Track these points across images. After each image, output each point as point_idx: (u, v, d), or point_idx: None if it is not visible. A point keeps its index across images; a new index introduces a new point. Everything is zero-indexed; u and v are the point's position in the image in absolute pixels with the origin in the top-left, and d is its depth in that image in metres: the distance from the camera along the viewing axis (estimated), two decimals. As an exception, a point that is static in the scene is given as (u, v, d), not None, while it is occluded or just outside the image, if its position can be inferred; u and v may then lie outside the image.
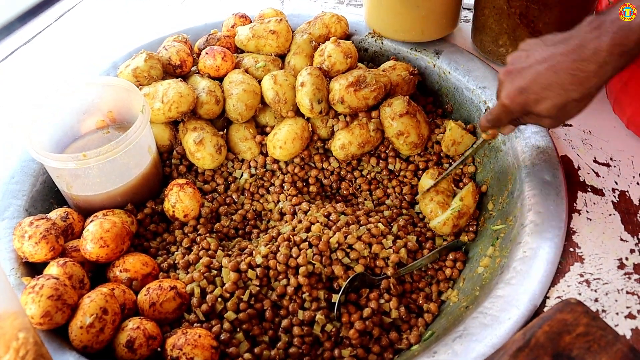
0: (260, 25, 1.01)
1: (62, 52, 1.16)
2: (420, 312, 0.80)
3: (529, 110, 0.71)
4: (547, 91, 0.67)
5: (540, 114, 0.70)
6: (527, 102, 0.70)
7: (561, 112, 0.69)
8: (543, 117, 0.71)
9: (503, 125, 0.78)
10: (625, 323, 0.65)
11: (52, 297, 0.66)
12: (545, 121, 0.72)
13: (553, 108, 0.68)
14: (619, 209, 0.77)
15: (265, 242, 0.84)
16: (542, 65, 0.68)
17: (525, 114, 0.72)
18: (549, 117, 0.70)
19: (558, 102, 0.67)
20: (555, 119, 0.70)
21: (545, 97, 0.68)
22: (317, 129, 0.98)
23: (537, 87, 0.68)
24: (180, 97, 0.91)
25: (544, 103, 0.68)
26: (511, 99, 0.71)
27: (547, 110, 0.69)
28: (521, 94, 0.70)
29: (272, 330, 0.76)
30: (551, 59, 0.67)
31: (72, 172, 0.81)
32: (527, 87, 0.69)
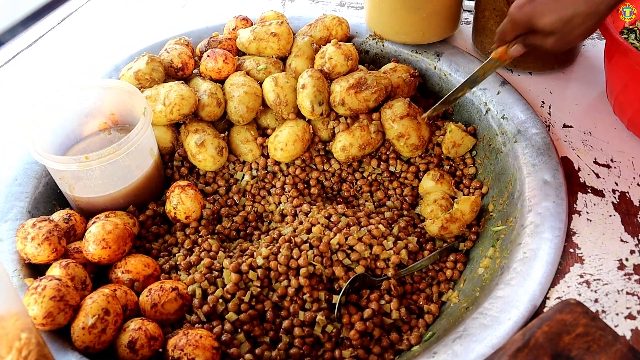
0: (262, 28, 1.02)
1: (65, 55, 1.17)
2: (421, 313, 0.81)
3: (534, 22, 0.70)
4: (555, 2, 0.67)
5: (545, 28, 0.69)
6: (533, 13, 0.69)
7: (566, 28, 0.68)
8: (547, 34, 0.70)
9: (509, 39, 0.77)
10: (625, 324, 0.65)
11: (54, 298, 0.67)
12: (549, 40, 0.71)
13: (559, 21, 0.67)
14: (619, 210, 0.77)
15: (267, 244, 0.84)
16: None
17: (530, 28, 0.71)
18: (553, 32, 0.69)
19: (564, 15, 0.67)
20: (559, 36, 0.69)
21: (552, 9, 0.67)
22: (318, 131, 0.98)
23: None
24: (181, 99, 0.91)
25: (550, 15, 0.68)
26: (519, 8, 0.71)
27: (552, 23, 0.68)
28: (530, 4, 0.70)
29: (273, 331, 0.77)
30: None
31: (75, 174, 0.81)
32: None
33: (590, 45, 1.05)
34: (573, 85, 0.97)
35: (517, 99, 0.93)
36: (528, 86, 0.97)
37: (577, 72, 1.00)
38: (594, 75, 0.98)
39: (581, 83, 0.97)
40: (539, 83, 0.97)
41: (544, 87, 0.96)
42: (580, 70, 1.00)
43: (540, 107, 0.93)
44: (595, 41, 1.06)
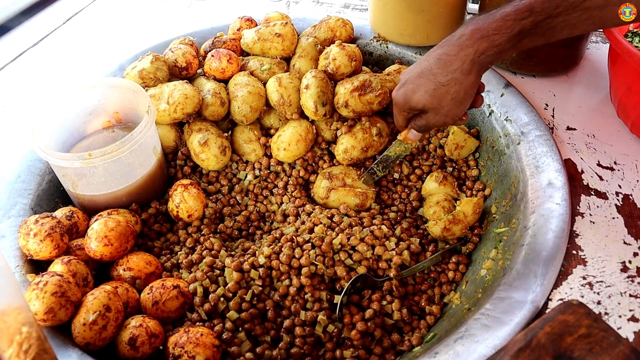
0: (266, 29, 1.02)
1: (70, 54, 1.18)
2: (423, 314, 0.80)
3: (409, 103, 0.76)
4: (420, 78, 0.74)
5: (418, 106, 0.76)
6: (406, 93, 0.76)
7: (435, 100, 0.74)
8: (424, 112, 0.76)
9: (402, 124, 0.83)
10: (628, 326, 0.65)
11: (55, 293, 0.67)
12: (428, 117, 0.77)
13: (425, 94, 0.74)
14: (622, 213, 0.77)
15: (269, 243, 0.84)
16: (418, 64, 0.76)
17: (410, 109, 0.78)
18: (426, 107, 0.75)
19: (428, 88, 0.73)
20: (434, 110, 0.75)
21: (418, 85, 0.74)
22: (322, 132, 0.98)
23: (413, 77, 0.75)
24: (185, 98, 0.91)
25: (417, 91, 0.74)
26: (395, 91, 0.78)
27: (421, 98, 0.74)
28: (402, 86, 0.77)
29: (274, 330, 0.76)
30: (428, 54, 0.75)
31: (78, 171, 0.82)
32: (407, 78, 0.77)
33: (594, 48, 1.05)
34: (577, 88, 0.97)
35: (521, 101, 0.93)
36: (532, 89, 0.97)
37: (581, 75, 1.00)
38: (597, 79, 0.98)
39: (585, 86, 0.97)
40: (542, 86, 0.97)
41: (547, 90, 0.96)
42: (584, 73, 1.00)
43: (544, 110, 0.93)
44: (599, 44, 1.06)
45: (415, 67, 0.77)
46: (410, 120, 0.81)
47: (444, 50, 0.72)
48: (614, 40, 0.80)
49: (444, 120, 0.76)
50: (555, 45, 0.93)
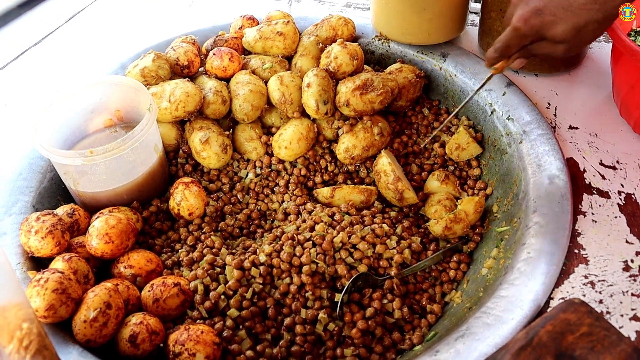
0: (268, 27, 1.02)
1: (72, 53, 1.18)
2: (424, 313, 0.80)
3: (543, 34, 0.67)
4: (567, 11, 0.64)
5: (555, 38, 0.66)
6: (542, 25, 0.66)
7: (579, 36, 0.65)
8: (558, 43, 0.67)
9: (512, 53, 0.73)
10: (630, 325, 0.65)
11: (56, 290, 0.67)
12: (559, 48, 0.68)
13: (571, 30, 0.64)
14: (624, 212, 0.77)
15: (269, 241, 0.84)
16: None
17: (538, 39, 0.68)
18: (565, 41, 0.66)
19: (577, 23, 0.64)
20: (571, 43, 0.66)
21: (563, 18, 0.64)
22: (323, 130, 0.98)
23: (554, 7, 0.64)
24: (187, 96, 0.91)
25: (562, 25, 0.64)
26: (525, 20, 0.67)
27: (564, 33, 0.65)
28: (537, 16, 0.66)
29: (274, 329, 0.76)
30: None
31: (79, 168, 0.82)
32: (544, 7, 0.65)
33: (597, 47, 1.05)
34: (579, 87, 0.97)
35: (523, 100, 0.92)
36: (534, 88, 0.96)
37: (583, 74, 0.99)
38: (600, 78, 0.98)
39: (587, 85, 0.97)
40: (545, 85, 0.97)
41: (550, 89, 0.96)
42: (587, 72, 0.99)
43: (546, 109, 0.92)
44: (602, 44, 1.06)
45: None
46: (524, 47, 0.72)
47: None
48: (617, 39, 0.79)
49: (573, 52, 0.68)
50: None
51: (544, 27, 0.66)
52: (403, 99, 1.00)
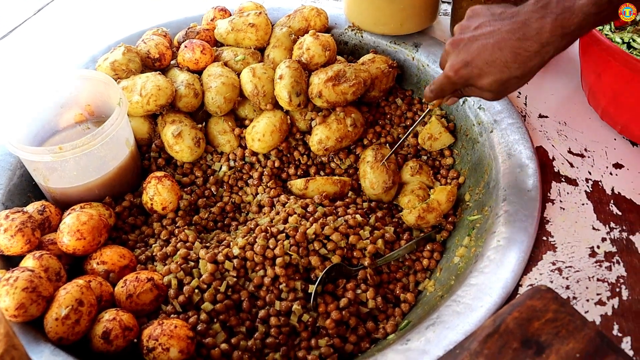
0: (240, 19, 1.01)
1: (41, 46, 1.16)
2: (397, 302, 0.81)
3: (471, 83, 0.72)
4: (490, 67, 0.69)
5: (482, 88, 0.72)
6: (470, 76, 0.71)
7: (502, 87, 0.70)
8: (484, 91, 0.72)
9: (446, 95, 0.79)
10: (595, 309, 0.66)
11: (26, 289, 0.66)
12: (486, 94, 0.73)
13: (494, 83, 0.70)
14: (591, 199, 0.78)
15: (243, 234, 0.84)
16: (487, 39, 0.69)
17: (467, 86, 0.74)
18: (490, 91, 0.71)
19: (499, 78, 0.69)
20: (496, 93, 0.72)
21: (487, 72, 0.69)
22: (296, 122, 0.98)
23: (480, 62, 0.69)
24: (158, 90, 0.90)
25: (486, 78, 0.70)
26: (455, 71, 0.72)
27: (489, 84, 0.70)
28: (465, 67, 0.71)
29: (249, 321, 0.77)
30: (496, 34, 0.68)
31: (49, 165, 0.81)
32: (471, 60, 0.70)
33: (567, 36, 1.06)
34: (549, 76, 0.97)
35: (494, 89, 0.93)
36: (505, 77, 0.97)
37: (553, 62, 1.00)
38: (569, 67, 0.99)
39: (557, 74, 0.98)
40: (515, 74, 0.97)
41: (520, 78, 0.97)
42: (557, 61, 1.00)
43: (517, 98, 0.93)
44: (572, 32, 1.07)
45: (481, 50, 0.69)
46: (456, 91, 0.78)
47: (522, 45, 0.66)
48: (584, 28, 0.80)
49: (500, 98, 0.74)
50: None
51: (472, 78, 0.71)
52: (376, 90, 1.00)
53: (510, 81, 0.69)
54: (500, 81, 0.69)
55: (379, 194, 0.92)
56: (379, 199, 0.93)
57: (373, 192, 0.92)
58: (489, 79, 0.70)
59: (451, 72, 0.73)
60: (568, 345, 0.57)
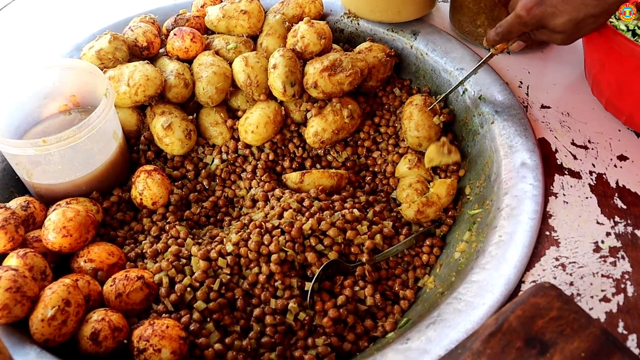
0: (231, 5, 0.98)
1: (22, 34, 1.12)
2: (396, 299, 0.79)
3: (543, 23, 0.70)
4: (566, 5, 0.67)
5: (555, 28, 0.69)
6: (543, 15, 0.69)
7: (576, 28, 0.68)
8: (557, 32, 0.70)
9: (513, 38, 0.76)
10: (600, 306, 0.65)
11: (10, 289, 0.63)
12: (557, 36, 0.71)
13: (570, 22, 0.67)
14: (595, 192, 0.76)
15: (237, 230, 0.81)
16: None
17: (539, 27, 0.71)
18: (563, 32, 0.69)
19: (575, 17, 0.67)
20: (568, 34, 0.70)
21: (563, 11, 0.67)
22: (291, 113, 0.95)
23: (556, 0, 0.67)
24: (147, 80, 0.87)
25: (561, 17, 0.68)
26: (528, 10, 0.70)
27: (563, 24, 0.68)
28: (539, 6, 0.69)
29: (243, 320, 0.74)
30: None
31: (32, 158, 0.77)
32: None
33: (568, 24, 1.03)
34: (551, 65, 0.95)
35: (495, 79, 0.90)
36: (506, 66, 0.95)
37: (555, 52, 0.98)
38: (572, 55, 0.96)
39: (560, 63, 0.96)
40: (517, 63, 0.95)
41: (522, 67, 0.94)
42: (559, 50, 0.98)
43: (519, 88, 0.91)
44: (574, 20, 1.04)
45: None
46: (525, 33, 0.75)
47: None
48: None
49: (572, 41, 0.72)
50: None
51: (545, 17, 0.69)
52: (373, 79, 0.97)
53: (585, 20, 0.67)
54: (575, 20, 0.67)
55: (422, 139, 0.90)
56: (419, 145, 0.91)
57: (417, 134, 0.90)
58: (564, 17, 0.67)
59: (523, 11, 0.70)
60: (573, 344, 0.56)
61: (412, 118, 0.91)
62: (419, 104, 0.92)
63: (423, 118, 0.90)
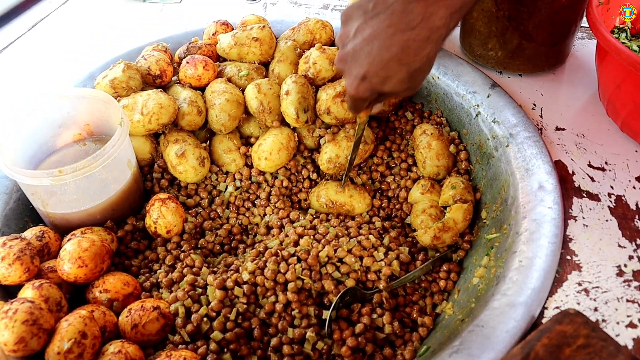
0: (243, 33, 0.98)
1: (36, 63, 1.13)
2: (415, 326, 0.78)
3: (380, 92, 0.69)
4: (387, 70, 0.65)
5: (391, 92, 0.68)
6: (372, 87, 0.68)
7: (410, 82, 0.67)
8: (395, 93, 0.69)
9: (363, 109, 0.76)
10: (627, 332, 0.63)
11: (26, 322, 0.63)
12: (400, 94, 0.71)
13: (399, 83, 0.66)
14: (615, 215, 0.75)
15: (252, 258, 0.80)
16: (371, 44, 0.64)
17: (378, 95, 0.71)
18: (400, 91, 0.68)
19: (401, 77, 0.65)
20: (407, 89, 0.68)
21: (387, 77, 0.66)
22: (304, 139, 0.95)
23: (375, 70, 0.66)
24: (160, 108, 0.87)
25: (389, 82, 0.66)
26: (355, 88, 0.69)
27: (396, 86, 0.67)
28: (364, 81, 0.68)
29: (260, 350, 0.73)
30: (378, 34, 0.63)
31: (48, 189, 0.77)
32: (365, 73, 0.67)
33: (580, 44, 1.04)
34: (564, 86, 0.95)
35: (508, 101, 0.90)
36: (519, 88, 0.95)
37: (567, 72, 0.98)
38: (585, 76, 0.96)
39: (572, 84, 0.95)
40: (529, 85, 0.95)
41: (534, 89, 0.94)
42: (571, 70, 0.98)
43: (532, 110, 0.91)
44: (585, 40, 1.05)
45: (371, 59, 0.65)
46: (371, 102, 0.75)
47: (409, 36, 0.62)
48: (601, 37, 0.78)
49: (414, 91, 0.71)
50: (541, 42, 0.91)
51: (375, 88, 0.68)
52: (386, 104, 0.97)
53: (414, 75, 0.66)
54: (403, 79, 0.66)
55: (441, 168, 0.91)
56: (437, 174, 0.92)
57: (437, 164, 0.91)
58: (392, 81, 0.66)
59: (353, 91, 0.70)
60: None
61: (431, 147, 0.91)
62: (435, 132, 0.92)
63: (442, 147, 0.91)
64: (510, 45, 0.93)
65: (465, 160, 0.93)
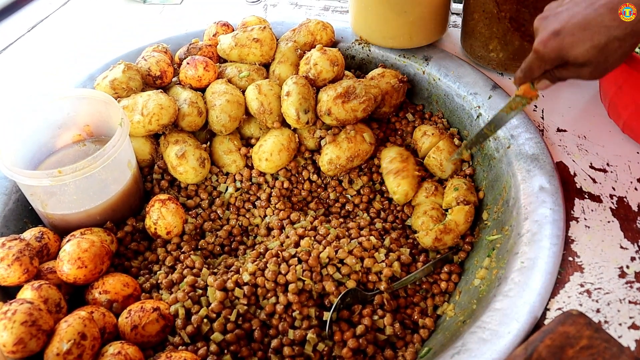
0: (244, 34, 0.98)
1: (36, 64, 1.13)
2: (416, 327, 0.77)
3: (564, 56, 0.65)
4: (585, 31, 0.62)
5: (578, 60, 0.64)
6: (562, 46, 0.64)
7: (602, 55, 0.63)
8: (581, 65, 0.65)
9: (536, 76, 0.72)
10: (629, 334, 0.63)
11: (25, 322, 0.62)
12: (584, 70, 0.66)
13: (592, 49, 0.62)
14: (617, 216, 0.75)
15: (253, 259, 0.80)
16: (578, 5, 0.62)
17: (561, 62, 0.67)
18: (588, 62, 0.64)
19: (598, 42, 0.62)
20: (595, 65, 0.64)
21: (582, 39, 0.62)
22: (305, 140, 0.95)
23: (573, 28, 0.63)
24: (160, 109, 0.87)
25: (582, 45, 0.63)
26: (544, 43, 0.66)
27: (586, 53, 0.63)
28: (555, 37, 0.64)
29: (261, 351, 0.73)
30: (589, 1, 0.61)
31: (47, 189, 0.77)
32: (562, 28, 0.63)
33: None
34: (565, 87, 0.95)
35: (509, 103, 0.90)
36: (519, 90, 0.94)
37: (567, 74, 0.98)
38: (585, 78, 0.96)
39: (574, 85, 0.95)
40: (530, 86, 0.95)
41: (535, 91, 0.94)
42: (571, 72, 0.98)
43: (533, 111, 0.91)
44: (585, 43, 1.05)
45: (572, 15, 0.63)
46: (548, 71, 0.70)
47: None
48: (602, 39, 0.77)
49: (602, 74, 0.66)
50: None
51: (564, 49, 0.64)
52: (386, 105, 0.97)
53: (610, 46, 0.61)
54: (598, 46, 0.62)
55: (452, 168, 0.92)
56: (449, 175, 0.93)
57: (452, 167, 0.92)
58: (585, 45, 0.62)
59: (540, 45, 0.66)
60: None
61: (440, 149, 0.91)
62: (436, 132, 0.92)
63: (451, 147, 0.92)
64: (511, 47, 0.93)
65: (468, 161, 0.93)
